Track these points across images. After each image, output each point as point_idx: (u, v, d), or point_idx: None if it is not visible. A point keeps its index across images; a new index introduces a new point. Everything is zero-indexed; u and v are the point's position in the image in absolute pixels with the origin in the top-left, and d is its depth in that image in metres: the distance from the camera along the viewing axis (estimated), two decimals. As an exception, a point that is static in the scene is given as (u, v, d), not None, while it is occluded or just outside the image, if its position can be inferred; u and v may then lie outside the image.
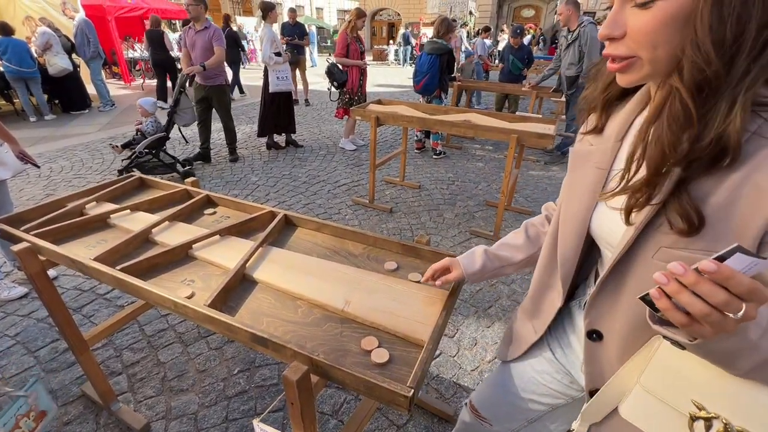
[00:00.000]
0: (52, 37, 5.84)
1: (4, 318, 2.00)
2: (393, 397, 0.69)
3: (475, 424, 0.97)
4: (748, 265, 0.36)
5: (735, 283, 0.35)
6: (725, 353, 0.44)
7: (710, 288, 0.36)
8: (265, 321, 0.91)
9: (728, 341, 0.42)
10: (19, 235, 1.14)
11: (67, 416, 1.49)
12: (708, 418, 0.49)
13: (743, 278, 0.35)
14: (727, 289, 0.36)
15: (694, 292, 0.37)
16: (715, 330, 0.38)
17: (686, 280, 0.37)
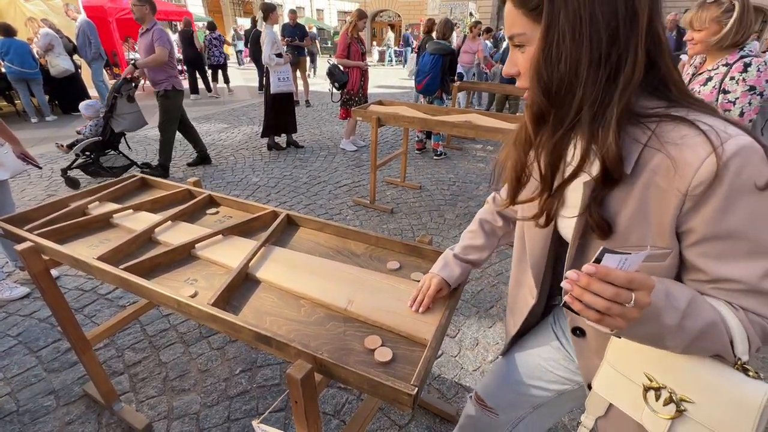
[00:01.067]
0: (54, 38, 5.85)
1: (6, 318, 2.00)
2: (396, 395, 0.69)
3: (481, 416, 0.98)
4: (620, 261, 0.43)
5: (614, 277, 0.42)
6: (650, 338, 0.50)
7: (600, 285, 0.42)
8: (269, 320, 0.91)
9: (644, 328, 0.47)
10: (23, 235, 1.15)
11: (69, 416, 1.49)
12: (657, 388, 0.56)
13: (619, 273, 0.42)
14: (612, 283, 0.42)
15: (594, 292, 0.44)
16: (624, 320, 0.44)
17: (581, 283, 0.43)
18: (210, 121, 6.27)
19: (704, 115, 0.51)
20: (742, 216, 0.48)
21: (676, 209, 0.51)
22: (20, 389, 1.60)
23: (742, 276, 0.50)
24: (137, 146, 4.95)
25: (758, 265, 0.50)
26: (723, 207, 0.48)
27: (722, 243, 0.50)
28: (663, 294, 0.48)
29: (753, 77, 1.54)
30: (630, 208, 0.55)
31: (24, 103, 5.87)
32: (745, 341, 0.50)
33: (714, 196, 0.48)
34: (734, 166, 0.46)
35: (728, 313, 0.51)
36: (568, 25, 0.49)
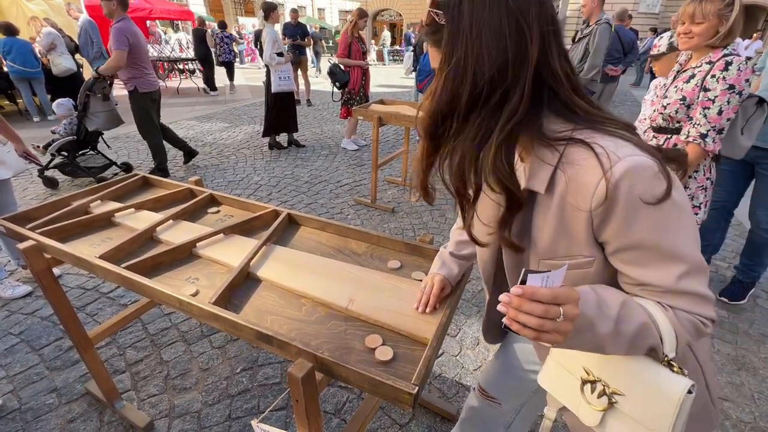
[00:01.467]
0: (56, 37, 5.86)
1: (8, 316, 2.00)
2: (397, 394, 0.69)
3: (485, 407, 1.00)
4: (543, 279, 0.46)
5: (540, 295, 0.46)
6: (589, 347, 0.53)
7: (529, 305, 0.46)
8: (270, 319, 0.91)
9: (581, 339, 0.51)
10: (25, 233, 1.15)
11: (71, 414, 1.50)
12: (593, 381, 0.60)
13: (544, 290, 0.46)
14: (540, 301, 0.46)
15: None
16: (559, 333, 0.47)
17: (513, 305, 0.46)
18: (211, 120, 6.28)
19: (603, 137, 0.55)
20: (643, 228, 0.53)
21: (588, 224, 0.56)
22: (22, 387, 1.61)
23: (659, 280, 0.55)
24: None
25: (671, 269, 0.54)
26: (624, 222, 0.53)
27: (634, 252, 0.55)
28: (594, 304, 0.52)
29: (733, 76, 1.55)
30: (551, 223, 0.60)
31: (26, 102, 5.89)
32: (672, 339, 0.54)
33: (613, 213, 0.53)
34: (624, 187, 0.51)
35: (658, 312, 0.55)
36: (458, 62, 0.54)
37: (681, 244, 0.54)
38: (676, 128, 1.77)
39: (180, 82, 9.18)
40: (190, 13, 11.15)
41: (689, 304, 0.55)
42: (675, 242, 0.54)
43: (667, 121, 1.79)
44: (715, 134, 1.62)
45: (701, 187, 1.81)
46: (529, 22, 0.53)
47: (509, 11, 0.52)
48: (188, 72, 10.29)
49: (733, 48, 1.60)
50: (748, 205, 2.18)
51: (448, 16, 0.55)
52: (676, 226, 0.53)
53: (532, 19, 0.53)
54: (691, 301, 0.55)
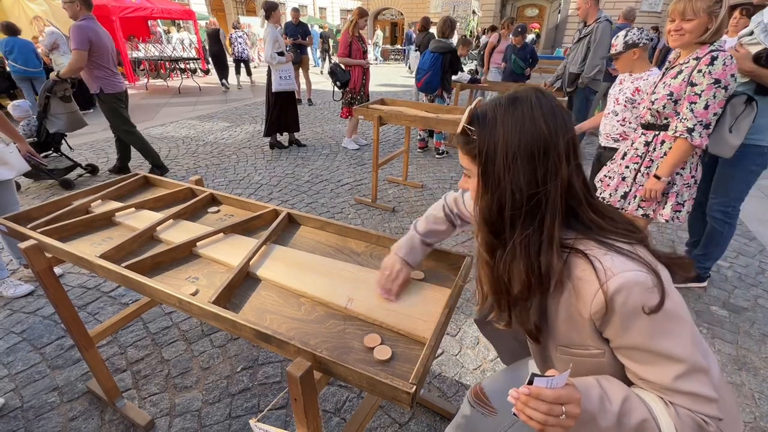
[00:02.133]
0: (59, 37, 5.88)
1: (10, 315, 2.02)
2: (395, 393, 0.69)
3: (476, 416, 0.99)
4: (548, 382, 0.52)
5: (544, 396, 0.52)
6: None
7: (534, 403, 0.53)
8: (269, 318, 0.92)
9: (583, 431, 0.57)
10: (26, 233, 1.16)
11: (72, 412, 1.51)
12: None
13: (547, 392, 0.52)
14: (544, 401, 0.52)
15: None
16: (562, 428, 0.53)
17: (522, 401, 0.53)
18: (212, 119, 6.29)
19: (601, 249, 0.61)
20: (637, 334, 0.59)
21: (591, 325, 0.63)
22: (24, 386, 1.62)
23: (657, 379, 0.60)
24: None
25: (668, 369, 0.59)
26: (620, 327, 0.59)
27: (632, 352, 0.61)
28: (597, 399, 0.57)
29: (718, 70, 1.55)
30: (562, 318, 0.66)
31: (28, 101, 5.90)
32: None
33: (611, 321, 0.60)
34: (619, 300, 0.57)
35: (660, 409, 0.59)
36: (496, 178, 0.63)
37: (675, 348, 0.58)
38: (664, 124, 1.78)
39: (181, 82, 9.19)
40: (192, 13, 11.16)
41: (689, 403, 0.58)
42: (669, 347, 0.58)
43: (655, 117, 1.80)
44: (702, 129, 1.62)
45: (686, 185, 1.81)
46: (558, 151, 0.61)
47: (540, 140, 0.60)
48: (189, 71, 10.31)
49: (719, 44, 1.59)
50: (754, 204, 2.18)
51: (482, 135, 0.64)
52: (670, 333, 0.58)
53: (562, 148, 0.61)
54: (691, 400, 0.58)
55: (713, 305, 2.20)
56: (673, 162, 1.73)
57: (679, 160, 1.72)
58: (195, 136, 5.31)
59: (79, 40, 3.17)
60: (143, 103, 7.48)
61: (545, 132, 0.60)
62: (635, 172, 1.90)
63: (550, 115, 0.61)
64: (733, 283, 2.40)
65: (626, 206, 1.94)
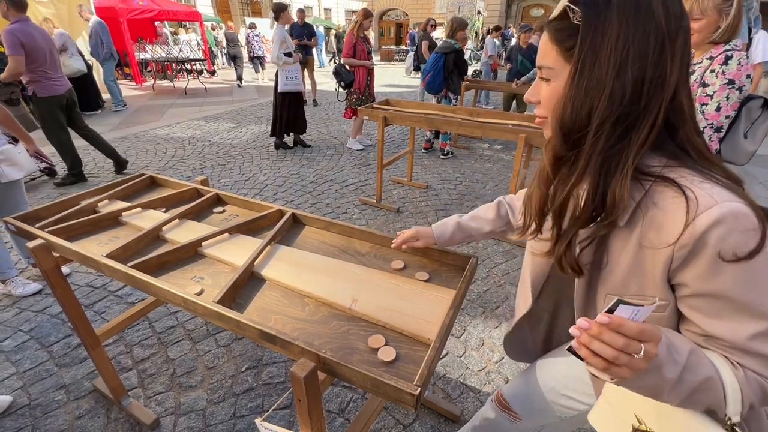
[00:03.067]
0: (68, 39, 5.95)
1: (19, 314, 2.04)
2: (399, 395, 0.69)
3: (502, 421, 0.96)
4: (633, 312, 0.44)
5: (626, 329, 0.43)
6: (648, 389, 0.50)
7: (610, 336, 0.43)
8: (273, 318, 0.92)
9: (645, 380, 0.48)
10: (34, 232, 1.17)
11: (79, 410, 1.52)
12: (645, 431, 0.56)
13: (632, 324, 0.43)
14: (624, 334, 0.43)
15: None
16: (630, 369, 0.44)
17: (592, 332, 0.44)
18: (218, 120, 6.33)
19: (699, 178, 0.52)
20: (726, 280, 0.50)
21: (666, 265, 0.53)
22: (32, 383, 1.63)
23: (730, 335, 0.52)
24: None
25: (746, 326, 0.51)
26: (707, 271, 0.50)
27: (710, 301, 0.52)
28: (665, 347, 0.48)
29: (733, 70, 1.48)
30: (627, 259, 0.58)
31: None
32: (738, 401, 0.51)
33: (698, 258, 0.50)
34: (717, 234, 0.48)
35: (727, 370, 0.52)
36: (597, 75, 0.51)
37: (762, 302, 0.50)
38: None
39: (187, 83, 9.26)
40: (198, 14, 11.25)
41: (760, 366, 0.52)
42: (756, 299, 0.50)
43: None
44: (712, 132, 1.55)
45: None
46: (674, 49, 0.50)
47: (658, 30, 0.49)
48: (196, 72, 10.39)
49: (735, 44, 1.53)
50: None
51: (589, 17, 0.51)
52: (762, 284, 0.50)
53: (678, 46, 0.51)
54: (764, 364, 0.52)
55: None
56: None
57: None
58: (201, 137, 5.34)
59: (10, 45, 3.04)
60: (150, 104, 7.54)
61: (663, 21, 0.49)
62: None
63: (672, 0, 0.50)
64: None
65: None
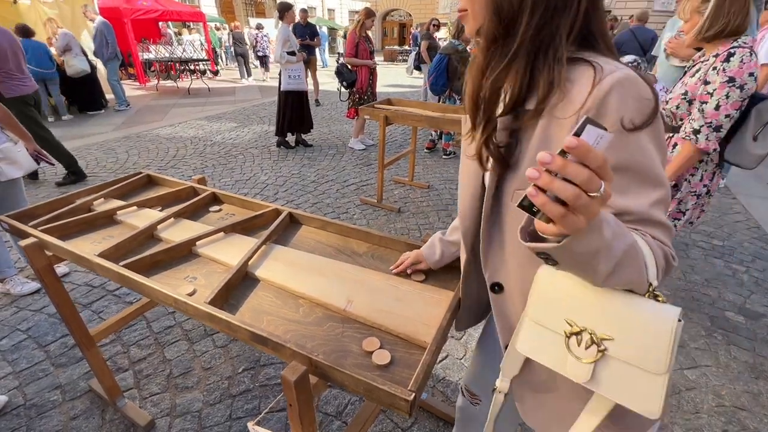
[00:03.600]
0: (71, 39, 5.98)
1: (17, 313, 2.03)
2: (393, 400, 0.66)
3: (466, 406, 1.02)
4: (596, 137, 0.37)
5: (592, 157, 0.36)
6: (588, 255, 0.44)
7: (575, 168, 0.36)
8: (266, 319, 0.89)
9: (589, 240, 0.42)
10: (27, 230, 1.15)
11: (74, 411, 1.50)
12: (578, 332, 0.53)
13: (597, 152, 0.36)
14: (589, 166, 0.37)
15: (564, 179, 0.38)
16: (586, 216, 0.38)
17: (554, 165, 0.37)
18: (220, 120, 6.33)
19: (606, 59, 0.54)
20: (628, 151, 0.52)
21: None
22: (28, 383, 1.62)
23: (635, 207, 0.53)
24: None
25: (648, 195, 0.53)
26: (615, 138, 0.50)
27: (617, 176, 0.52)
28: None
29: (734, 67, 1.43)
30: (534, 144, 0.57)
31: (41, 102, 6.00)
32: (654, 266, 0.51)
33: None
34: (617, 96, 0.50)
35: (639, 238, 0.51)
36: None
37: (659, 168, 0.53)
38: (680, 126, 1.67)
39: (191, 83, 9.29)
40: (202, 15, 11.28)
41: (660, 234, 0.54)
42: (656, 168, 0.53)
43: (671, 118, 1.70)
44: (710, 131, 1.51)
45: (694, 193, 1.69)
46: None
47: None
48: (199, 72, 10.41)
49: (744, 40, 1.48)
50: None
51: None
52: (658, 151, 0.53)
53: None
54: (661, 232, 0.54)
55: (729, 311, 2.12)
56: (676, 165, 1.63)
57: (683, 164, 1.62)
58: (203, 137, 5.34)
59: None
60: (153, 104, 7.56)
61: None
62: None
63: None
64: (750, 288, 2.32)
65: None
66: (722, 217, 3.23)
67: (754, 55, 1.45)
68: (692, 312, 2.10)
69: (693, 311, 2.11)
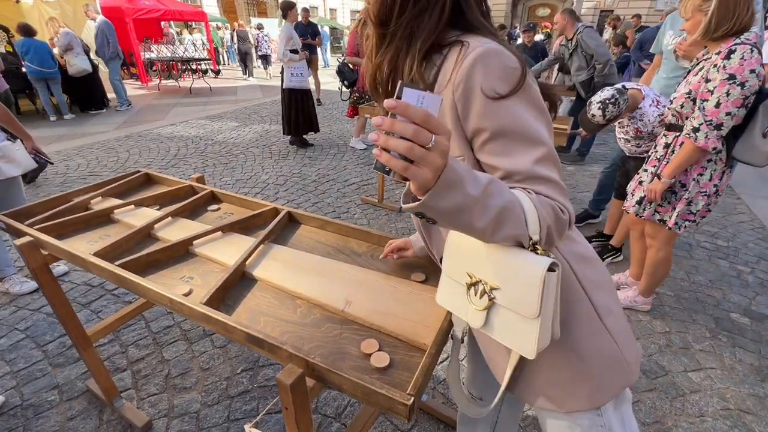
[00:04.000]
0: (73, 38, 5.98)
1: (15, 312, 2.02)
2: (392, 404, 0.64)
3: (471, 406, 1.00)
4: (418, 98, 0.41)
5: (412, 113, 0.41)
6: (457, 211, 0.47)
7: (401, 125, 0.41)
8: (263, 320, 0.88)
9: (450, 196, 0.45)
10: (22, 229, 1.14)
11: (71, 411, 1.49)
12: (475, 283, 0.59)
13: (417, 109, 0.41)
14: (412, 119, 0.41)
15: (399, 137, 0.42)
16: (429, 168, 0.42)
17: (386, 126, 0.41)
18: (222, 119, 6.32)
19: (478, 37, 0.60)
20: (501, 115, 0.56)
21: (453, 112, 0.59)
22: (25, 383, 1.61)
23: (519, 166, 0.56)
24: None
25: (530, 154, 0.56)
26: (483, 109, 0.56)
27: (497, 141, 0.58)
28: (463, 166, 0.48)
29: (734, 65, 1.42)
30: None
31: (43, 102, 6.01)
32: (536, 221, 0.53)
33: (473, 99, 0.57)
34: (479, 68, 0.56)
35: (522, 195, 0.54)
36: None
37: (538, 128, 0.57)
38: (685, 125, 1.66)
39: (192, 82, 9.29)
40: (204, 14, 11.28)
41: (546, 189, 0.56)
42: (532, 125, 0.57)
43: (676, 117, 1.68)
44: (709, 129, 1.50)
45: (703, 193, 1.66)
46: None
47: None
48: (201, 72, 10.42)
49: (747, 37, 1.46)
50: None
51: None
52: (533, 114, 0.57)
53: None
54: (548, 186, 0.57)
55: (733, 312, 2.10)
56: (677, 164, 1.62)
57: (684, 162, 1.61)
58: (204, 136, 5.33)
59: None
60: (155, 103, 7.56)
61: None
62: (653, 175, 1.81)
63: None
64: (755, 289, 2.29)
65: (641, 212, 1.85)
66: (726, 217, 3.20)
67: (755, 51, 1.43)
68: (696, 313, 2.08)
69: (697, 312, 2.08)
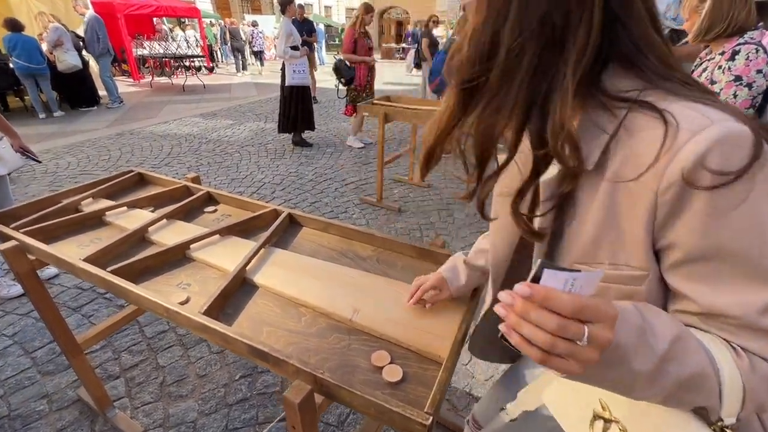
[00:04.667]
0: (63, 33, 5.84)
1: (2, 317, 1.94)
2: (407, 424, 0.60)
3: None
4: (567, 281, 0.32)
5: (557, 303, 0.31)
6: (613, 386, 0.38)
7: (539, 314, 0.32)
8: (266, 331, 0.83)
9: (606, 374, 0.36)
10: (8, 233, 1.07)
11: (61, 422, 1.43)
12: (608, 420, 0.48)
13: (564, 297, 0.31)
14: (557, 311, 0.31)
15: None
16: (577, 362, 0.33)
17: (517, 309, 0.32)
18: (216, 117, 6.22)
19: (681, 101, 0.39)
20: (734, 227, 0.37)
21: (649, 216, 0.40)
22: (13, 392, 1.54)
23: (735, 309, 0.39)
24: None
25: (758, 294, 0.38)
26: (707, 215, 0.37)
27: (709, 264, 0.39)
28: (635, 330, 0.36)
29: (740, 66, 1.41)
30: (597, 214, 0.44)
31: (32, 98, 5.87)
32: (737, 400, 0.38)
33: (691, 201, 0.37)
34: (714, 162, 0.35)
35: (726, 359, 0.39)
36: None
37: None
38: None
39: (185, 79, 9.15)
40: (197, 10, 11.13)
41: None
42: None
43: None
44: None
45: None
46: None
47: None
48: (194, 69, 10.28)
49: (751, 36, 1.44)
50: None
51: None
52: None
53: None
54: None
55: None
56: None
57: None
58: (198, 134, 5.24)
59: None
60: (147, 100, 7.43)
61: None
62: None
63: None
64: None
65: None
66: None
67: (761, 51, 1.41)
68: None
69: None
